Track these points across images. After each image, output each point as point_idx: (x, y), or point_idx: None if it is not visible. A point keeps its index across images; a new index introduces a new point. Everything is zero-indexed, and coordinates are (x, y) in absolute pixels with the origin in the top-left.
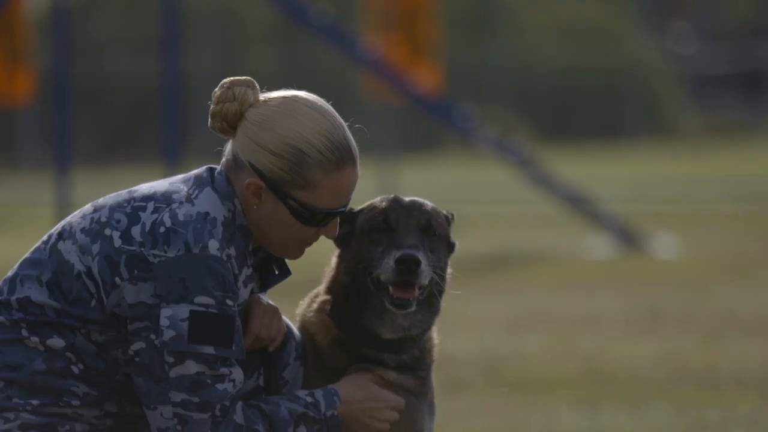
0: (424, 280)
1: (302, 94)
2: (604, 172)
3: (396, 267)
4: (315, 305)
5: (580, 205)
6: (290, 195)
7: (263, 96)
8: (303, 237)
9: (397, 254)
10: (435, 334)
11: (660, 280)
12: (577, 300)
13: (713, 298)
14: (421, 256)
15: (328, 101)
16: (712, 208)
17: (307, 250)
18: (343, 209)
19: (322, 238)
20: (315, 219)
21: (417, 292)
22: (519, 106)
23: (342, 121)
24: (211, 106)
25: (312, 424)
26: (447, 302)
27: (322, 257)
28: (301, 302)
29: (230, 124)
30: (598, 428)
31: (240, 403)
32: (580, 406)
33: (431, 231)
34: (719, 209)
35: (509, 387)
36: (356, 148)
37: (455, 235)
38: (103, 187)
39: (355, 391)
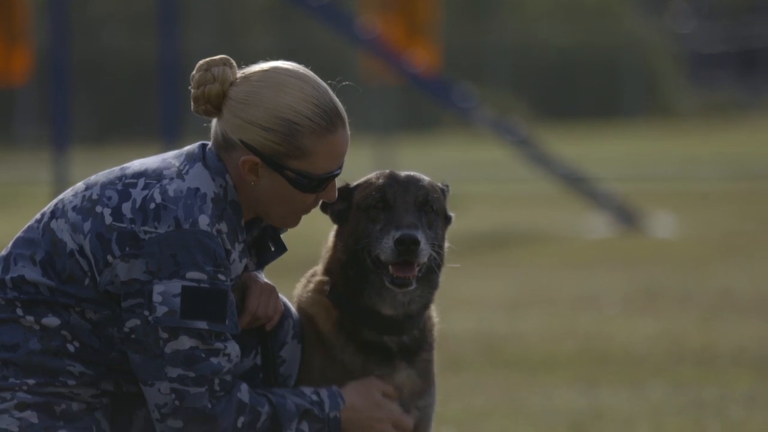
0: (424, 258)
1: (280, 64)
2: (602, 151)
3: (396, 248)
4: (312, 285)
5: (578, 185)
6: (287, 166)
7: (241, 72)
8: (303, 205)
9: (396, 234)
10: (434, 313)
11: (658, 259)
12: (575, 279)
13: (711, 277)
14: (419, 235)
15: (326, 81)
16: (710, 187)
17: (303, 228)
18: (339, 171)
19: (319, 216)
20: (314, 185)
21: (416, 270)
22: (517, 85)
23: (325, 85)
24: (192, 91)
25: (315, 422)
26: (446, 281)
27: (318, 235)
28: (298, 283)
29: (214, 105)
30: (596, 407)
31: (246, 385)
32: (579, 385)
33: (429, 206)
34: (717, 188)
35: (508, 366)
36: (343, 109)
37: (453, 212)
38: (101, 166)
39: (361, 399)
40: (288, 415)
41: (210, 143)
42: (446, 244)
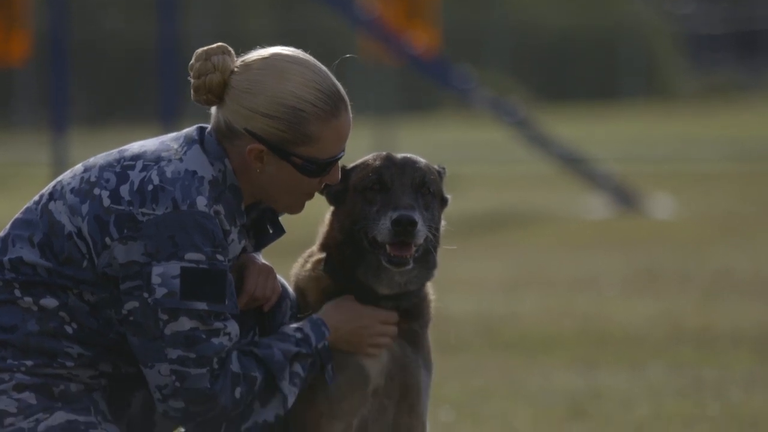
0: (420, 239)
1: (280, 50)
2: (601, 132)
3: (392, 228)
4: (309, 265)
5: (576, 166)
6: (293, 153)
7: (241, 60)
8: (308, 189)
9: (393, 215)
10: (431, 290)
11: (657, 240)
12: (574, 260)
13: (710, 258)
14: (416, 216)
15: (325, 63)
16: (709, 168)
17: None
18: (343, 153)
19: (316, 198)
20: (319, 170)
21: (413, 250)
22: (516, 66)
23: (326, 69)
24: (193, 81)
25: (305, 359)
26: (444, 262)
27: (316, 217)
28: (295, 263)
29: (216, 94)
30: (595, 388)
31: (235, 352)
32: (578, 366)
33: (425, 188)
34: (716, 169)
35: (506, 347)
36: (344, 92)
37: (452, 194)
38: (100, 148)
39: (340, 314)
40: (279, 366)
41: (208, 127)
42: (443, 226)
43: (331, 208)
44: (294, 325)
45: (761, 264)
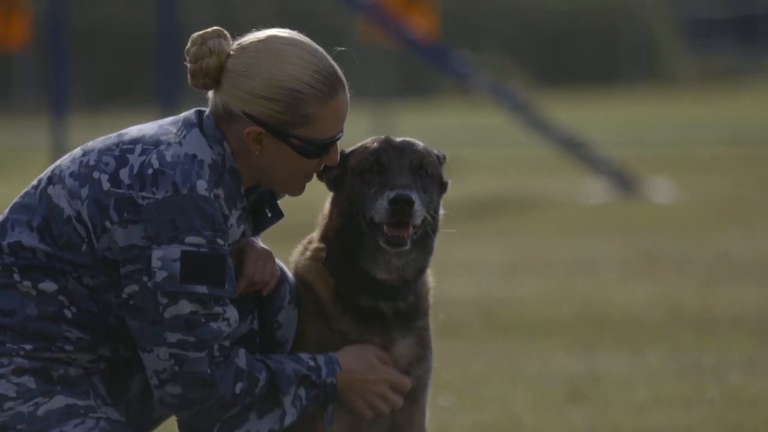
0: (418, 219)
1: (276, 32)
2: (601, 117)
3: (390, 207)
4: (308, 252)
5: (576, 150)
6: (292, 134)
7: (237, 43)
8: (307, 170)
9: (390, 194)
10: (430, 278)
11: (656, 224)
12: (573, 244)
13: (709, 242)
14: (414, 196)
15: (324, 47)
16: (708, 152)
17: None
18: (341, 134)
19: (316, 182)
20: (318, 151)
21: (411, 230)
22: (515, 51)
23: (322, 50)
24: (189, 65)
25: (312, 388)
26: (443, 246)
27: (315, 201)
28: (294, 249)
29: (212, 78)
30: (594, 371)
31: (244, 350)
32: (577, 350)
33: (423, 170)
34: (715, 153)
35: (506, 331)
36: (341, 73)
37: (451, 178)
38: (99, 133)
39: (357, 362)
40: (286, 381)
41: (207, 110)
42: (441, 211)
43: (330, 196)
44: (308, 354)
45: (760, 247)
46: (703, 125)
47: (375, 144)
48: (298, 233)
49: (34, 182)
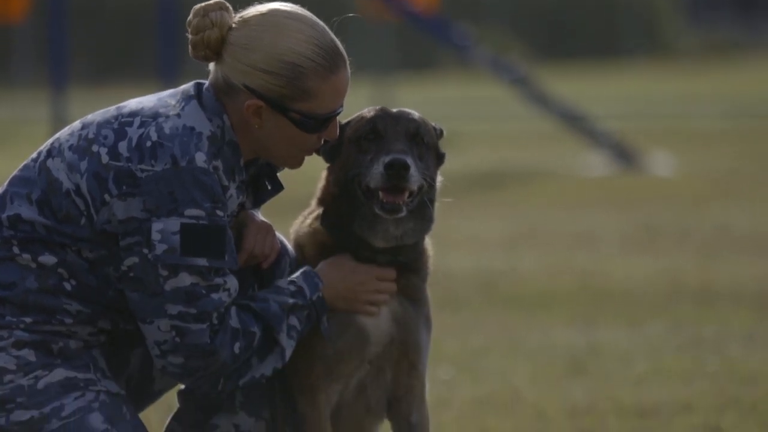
0: (414, 185)
1: (277, 5)
2: (601, 90)
3: (385, 172)
4: (308, 221)
5: (576, 123)
6: (292, 108)
7: (239, 16)
8: (307, 144)
9: (386, 159)
10: (429, 246)
11: (656, 197)
12: (573, 217)
13: (709, 216)
14: (409, 161)
15: (324, 20)
16: (709, 126)
17: (300, 167)
18: (341, 109)
19: (314, 155)
20: (318, 125)
21: (406, 196)
22: (515, 24)
23: (323, 24)
24: (191, 37)
25: (301, 311)
26: (444, 219)
27: (315, 174)
28: (295, 221)
29: (214, 50)
30: (594, 344)
31: (233, 308)
32: (577, 323)
33: (419, 138)
34: (715, 127)
35: (506, 304)
36: (342, 47)
37: (451, 152)
38: (99, 106)
39: (336, 271)
40: (276, 319)
41: (206, 83)
42: (439, 178)
43: (327, 166)
44: (287, 279)
45: (760, 221)
46: (704, 99)
47: (371, 113)
48: (297, 206)
49: (34, 155)
